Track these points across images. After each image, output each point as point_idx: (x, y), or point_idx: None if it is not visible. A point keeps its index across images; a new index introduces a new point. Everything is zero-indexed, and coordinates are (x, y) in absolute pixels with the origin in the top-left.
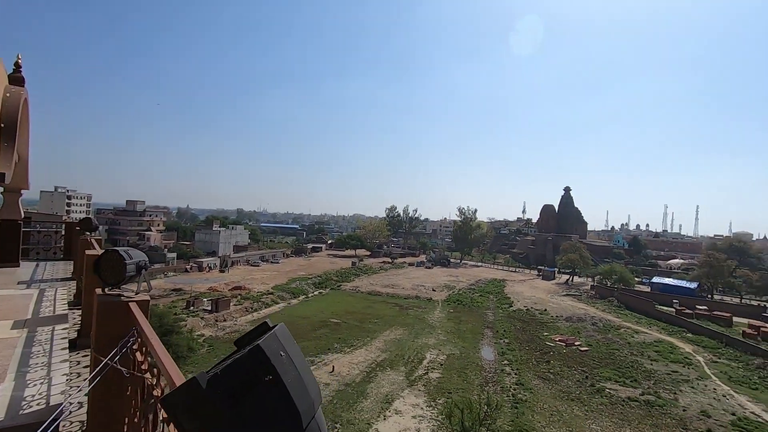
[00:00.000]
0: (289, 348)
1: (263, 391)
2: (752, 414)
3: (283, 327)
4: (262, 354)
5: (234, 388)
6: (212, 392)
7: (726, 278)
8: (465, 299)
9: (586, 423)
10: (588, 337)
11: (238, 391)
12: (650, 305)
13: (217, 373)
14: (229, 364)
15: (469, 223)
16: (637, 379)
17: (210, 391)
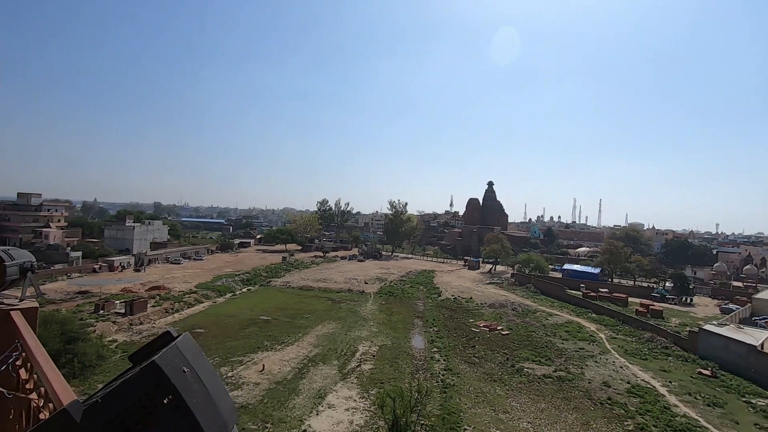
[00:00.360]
0: (195, 361)
1: (162, 417)
2: (643, 381)
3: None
4: (159, 372)
5: (122, 417)
6: (90, 425)
7: (623, 263)
8: (396, 291)
9: (507, 401)
10: (509, 322)
11: (128, 421)
12: (561, 290)
13: (97, 400)
14: (114, 389)
15: (400, 217)
16: (550, 358)
17: (88, 423)
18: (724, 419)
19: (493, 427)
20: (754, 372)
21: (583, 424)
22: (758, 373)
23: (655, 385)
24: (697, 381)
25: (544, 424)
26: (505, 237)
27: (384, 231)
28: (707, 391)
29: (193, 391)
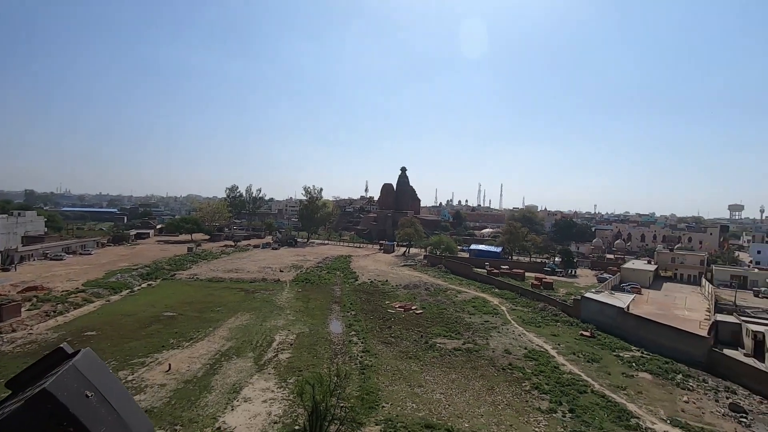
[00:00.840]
0: (100, 382)
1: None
2: (537, 346)
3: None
4: (52, 401)
5: None
6: None
7: (521, 242)
8: (313, 278)
9: (422, 376)
10: (422, 301)
11: None
12: (469, 268)
13: None
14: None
15: (315, 202)
16: (460, 332)
17: None
18: (600, 372)
19: (409, 401)
20: (621, 330)
21: (489, 389)
22: (624, 331)
23: (547, 348)
24: (580, 342)
25: (455, 393)
26: (417, 221)
27: (299, 217)
28: (587, 349)
29: (100, 418)
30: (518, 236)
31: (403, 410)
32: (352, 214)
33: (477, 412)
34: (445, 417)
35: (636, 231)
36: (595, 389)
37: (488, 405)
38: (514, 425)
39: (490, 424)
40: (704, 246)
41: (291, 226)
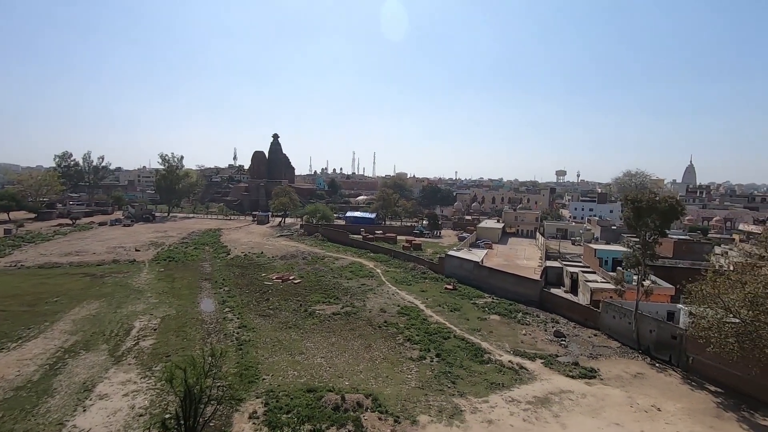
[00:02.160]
0: None
1: None
2: (409, 302)
3: None
4: None
5: None
6: None
7: (393, 208)
8: (177, 255)
9: (303, 343)
10: (300, 270)
11: None
12: (345, 235)
13: None
14: None
15: (175, 172)
16: (338, 297)
17: None
18: (461, 318)
19: (290, 370)
20: (477, 281)
21: (366, 347)
22: (479, 281)
23: (417, 303)
24: (444, 294)
25: (335, 356)
26: (292, 190)
27: (156, 189)
28: (450, 301)
29: None
30: (390, 202)
31: (285, 379)
32: (220, 184)
33: (356, 369)
34: (326, 379)
35: (488, 194)
36: (457, 334)
37: (367, 362)
38: (390, 376)
39: (368, 379)
40: (538, 205)
41: (146, 199)
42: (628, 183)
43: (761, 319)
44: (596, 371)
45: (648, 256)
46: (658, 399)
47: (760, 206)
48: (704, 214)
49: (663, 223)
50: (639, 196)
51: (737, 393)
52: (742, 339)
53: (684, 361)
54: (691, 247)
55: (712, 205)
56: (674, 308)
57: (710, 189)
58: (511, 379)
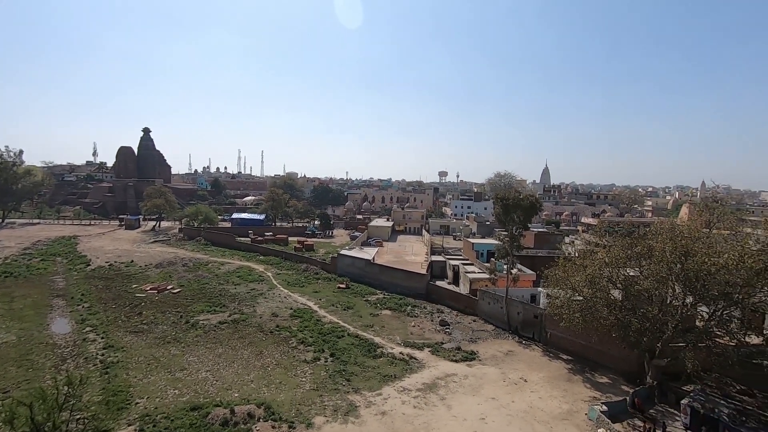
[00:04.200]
0: None
1: None
2: (302, 304)
3: None
4: None
5: None
6: None
7: (283, 208)
8: (17, 269)
9: (184, 358)
10: (180, 279)
11: None
12: (231, 238)
13: None
14: None
15: (11, 169)
16: (225, 304)
17: None
18: (354, 316)
19: (170, 388)
20: (369, 278)
21: (258, 354)
22: (371, 278)
23: (310, 305)
24: (338, 293)
25: (222, 367)
26: (168, 190)
27: None
28: (344, 299)
29: None
30: (280, 202)
31: (164, 400)
32: (75, 184)
33: (247, 379)
34: (213, 394)
35: (378, 194)
36: (351, 332)
37: (258, 370)
38: (284, 381)
39: (260, 387)
40: (424, 204)
41: None
42: (498, 183)
43: (597, 296)
44: (476, 353)
45: (515, 248)
46: (525, 371)
47: (596, 202)
48: (557, 210)
49: (526, 218)
50: (506, 194)
51: (583, 358)
52: (584, 313)
53: (544, 336)
54: (547, 238)
55: (563, 202)
56: (536, 291)
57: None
58: (403, 370)
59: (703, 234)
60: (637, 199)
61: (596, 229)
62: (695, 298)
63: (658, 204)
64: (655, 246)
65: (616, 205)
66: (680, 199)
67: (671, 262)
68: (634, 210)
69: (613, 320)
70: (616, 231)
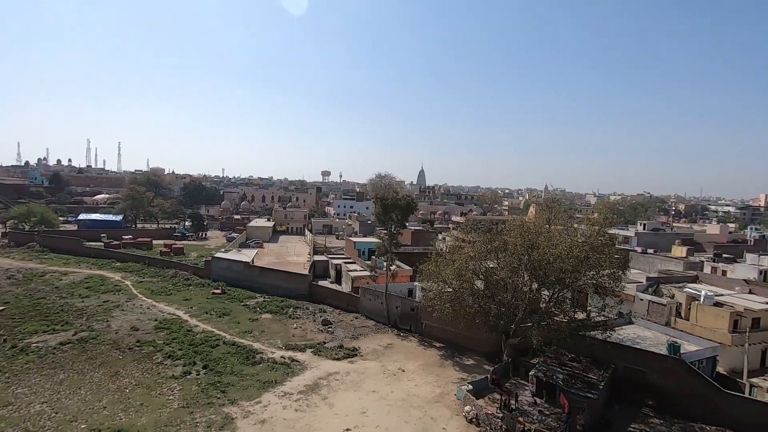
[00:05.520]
0: None
1: None
2: (169, 314)
3: None
4: None
5: None
6: None
7: (146, 208)
8: None
9: (10, 391)
10: (4, 294)
11: None
12: (78, 243)
13: None
14: None
15: None
16: (68, 321)
17: None
18: (231, 323)
19: None
20: (248, 281)
21: (112, 376)
22: (251, 282)
23: (180, 314)
24: (212, 300)
25: (65, 396)
26: None
27: None
28: (219, 306)
29: None
30: (143, 202)
31: None
32: None
33: (98, 406)
34: (51, 427)
35: (258, 193)
36: (227, 340)
37: (113, 393)
38: (146, 402)
39: (115, 413)
40: (307, 203)
41: None
42: (379, 183)
43: (464, 286)
44: (357, 350)
45: (394, 245)
46: (403, 362)
47: (464, 203)
48: (431, 209)
49: (403, 217)
50: (385, 195)
51: (453, 345)
52: (453, 303)
53: (420, 327)
54: (423, 236)
55: (436, 202)
56: (412, 286)
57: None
58: (284, 374)
59: (544, 229)
60: (497, 200)
61: (463, 227)
62: (539, 284)
63: (513, 204)
64: (509, 240)
65: (480, 205)
66: (529, 199)
67: (521, 254)
68: (494, 209)
69: (477, 308)
70: (479, 228)
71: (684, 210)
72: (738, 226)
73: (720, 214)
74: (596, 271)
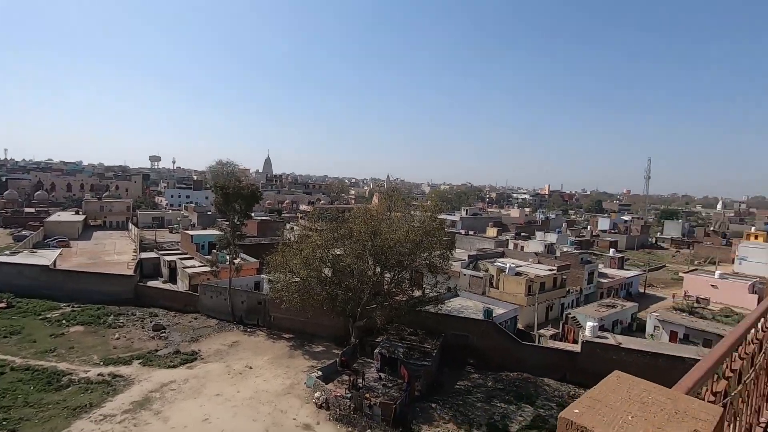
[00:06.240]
0: None
1: None
2: None
3: None
4: None
5: None
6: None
7: None
8: None
9: None
10: None
11: None
12: None
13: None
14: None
15: None
16: None
17: None
18: (23, 342)
19: None
20: (48, 289)
21: None
22: (52, 289)
23: None
24: None
25: None
26: None
27: None
28: (4, 323)
29: None
30: None
31: None
32: None
33: None
34: None
35: (61, 180)
36: (17, 365)
37: None
38: None
39: None
40: (130, 193)
41: None
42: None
43: (312, 275)
44: (197, 353)
45: (237, 237)
46: (251, 359)
47: (312, 192)
48: (279, 198)
49: (247, 206)
50: (227, 183)
51: (302, 334)
52: (302, 293)
53: (268, 320)
54: (270, 226)
55: (284, 191)
56: (259, 279)
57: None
58: (103, 394)
59: (386, 216)
60: (344, 189)
61: (310, 216)
62: (381, 268)
63: (359, 193)
64: (354, 228)
65: (328, 194)
66: (373, 189)
67: (365, 241)
68: (342, 198)
69: (325, 295)
70: (326, 217)
71: (495, 198)
72: (531, 210)
73: (520, 201)
74: (429, 253)
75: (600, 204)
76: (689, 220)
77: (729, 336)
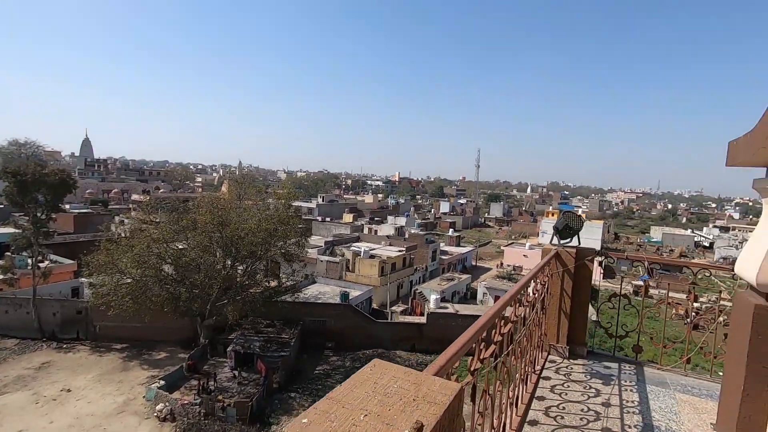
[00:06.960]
0: None
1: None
2: None
3: None
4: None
5: None
6: None
7: None
8: None
9: None
10: None
11: None
12: None
13: None
14: None
15: None
16: None
17: None
18: None
19: None
20: None
21: None
22: None
23: None
24: None
25: None
26: None
27: None
28: None
29: None
30: None
31: None
32: None
33: None
34: None
35: None
36: None
37: None
38: None
39: None
40: None
41: None
42: (16, 154)
43: (147, 274)
44: None
45: (42, 235)
46: (68, 380)
47: (149, 179)
48: (104, 187)
49: (56, 197)
50: (24, 169)
51: (139, 342)
52: (136, 295)
53: (92, 331)
54: (92, 220)
55: (111, 178)
56: (78, 283)
57: (108, 163)
58: None
59: (236, 205)
60: (189, 176)
61: (145, 207)
62: (233, 260)
63: (206, 180)
64: (199, 218)
65: (170, 182)
66: (223, 176)
67: (212, 232)
68: (186, 186)
69: (166, 295)
70: (164, 207)
71: (351, 184)
72: (384, 196)
73: (374, 187)
74: (284, 242)
75: (442, 189)
76: (508, 202)
77: (496, 304)
